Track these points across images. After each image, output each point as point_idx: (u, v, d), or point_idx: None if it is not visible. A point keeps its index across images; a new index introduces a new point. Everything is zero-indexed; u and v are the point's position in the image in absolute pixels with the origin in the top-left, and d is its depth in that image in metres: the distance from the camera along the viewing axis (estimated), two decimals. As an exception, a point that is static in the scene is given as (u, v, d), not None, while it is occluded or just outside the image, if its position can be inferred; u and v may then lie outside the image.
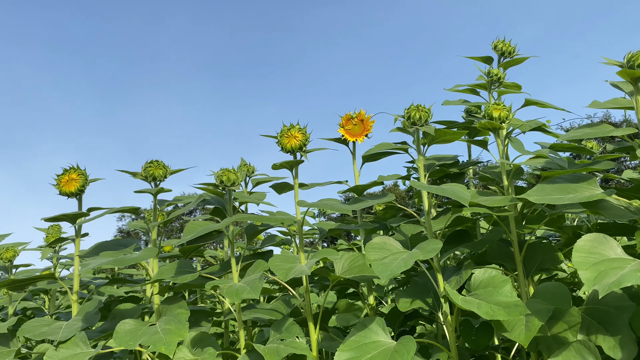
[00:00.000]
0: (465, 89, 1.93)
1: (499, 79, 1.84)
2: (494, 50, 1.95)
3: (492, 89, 1.88)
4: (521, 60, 1.95)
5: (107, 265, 1.65)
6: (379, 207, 3.29)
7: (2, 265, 2.27)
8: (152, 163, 1.89)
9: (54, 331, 1.82)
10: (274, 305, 1.93)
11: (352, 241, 3.78)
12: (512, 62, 1.94)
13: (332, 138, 2.04)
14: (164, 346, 1.52)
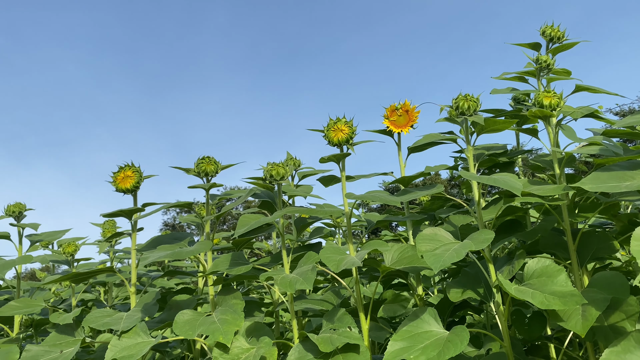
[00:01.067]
0: (513, 77, 1.90)
1: (548, 65, 1.81)
2: (542, 36, 1.91)
3: (541, 76, 1.85)
4: (571, 45, 1.91)
5: (166, 257, 1.72)
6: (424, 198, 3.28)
7: (65, 259, 2.40)
8: (204, 159, 1.96)
9: (116, 321, 1.91)
10: (324, 296, 1.97)
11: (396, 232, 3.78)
12: (561, 48, 1.90)
13: (376, 130, 2.05)
14: (222, 335, 1.58)
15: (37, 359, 1.94)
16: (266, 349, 1.56)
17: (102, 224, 2.76)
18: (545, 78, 1.86)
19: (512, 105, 2.13)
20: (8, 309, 2.17)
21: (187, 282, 3.75)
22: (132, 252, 2.17)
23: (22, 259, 2.25)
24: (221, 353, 1.58)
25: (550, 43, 1.90)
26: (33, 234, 2.46)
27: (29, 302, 2.22)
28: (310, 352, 1.56)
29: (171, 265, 4.05)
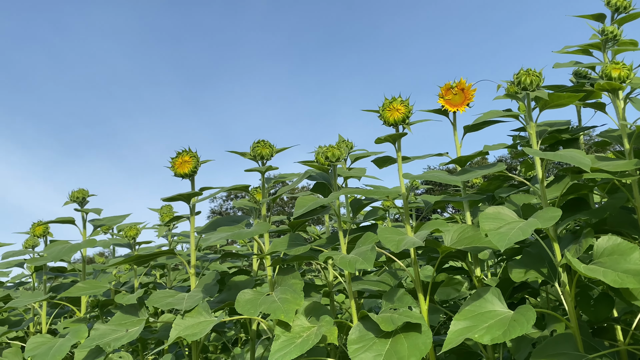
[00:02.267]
0: (575, 50, 1.83)
1: (614, 36, 1.73)
2: (607, 6, 1.82)
3: (606, 48, 1.77)
4: (638, 15, 1.82)
5: (227, 238, 1.76)
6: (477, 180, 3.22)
7: (127, 242, 2.49)
8: (259, 143, 1.98)
9: (179, 301, 1.97)
10: (380, 277, 1.97)
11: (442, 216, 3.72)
12: (628, 18, 1.81)
13: (431, 109, 2.02)
14: (283, 314, 1.61)
15: (104, 337, 2.03)
16: (327, 328, 1.58)
17: (159, 209, 2.85)
18: (611, 50, 1.78)
19: (573, 81, 2.05)
20: (76, 290, 2.28)
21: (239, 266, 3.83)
22: (191, 234, 2.23)
23: (87, 242, 2.35)
24: (283, 331, 1.61)
25: (616, 13, 1.81)
26: (96, 218, 2.57)
27: (95, 283, 2.32)
28: (370, 331, 1.56)
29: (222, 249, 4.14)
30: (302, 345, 1.53)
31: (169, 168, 2.17)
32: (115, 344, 1.97)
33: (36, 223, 2.58)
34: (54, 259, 2.19)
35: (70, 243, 2.34)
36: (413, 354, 1.44)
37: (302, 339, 1.57)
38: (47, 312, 2.70)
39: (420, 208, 2.53)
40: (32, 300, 2.37)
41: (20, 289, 3.46)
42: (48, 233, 2.60)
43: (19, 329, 2.70)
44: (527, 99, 1.61)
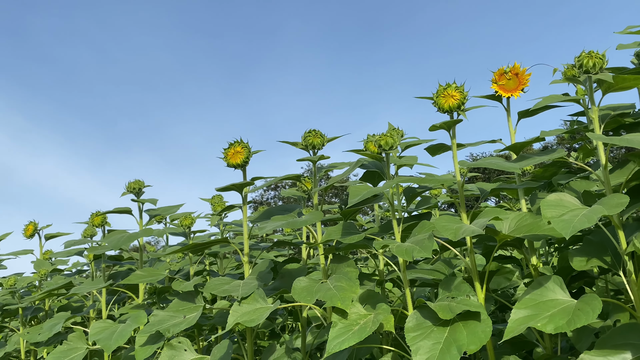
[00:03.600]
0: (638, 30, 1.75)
1: (683, 14, 1.64)
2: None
3: (674, 27, 1.69)
4: None
5: (282, 227, 1.78)
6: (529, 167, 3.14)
7: (182, 231, 2.56)
8: (310, 132, 2.00)
9: (235, 288, 2.02)
10: (434, 266, 1.96)
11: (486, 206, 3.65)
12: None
13: (483, 95, 1.98)
14: (340, 301, 1.63)
15: (163, 323, 2.10)
16: (384, 315, 1.59)
17: (210, 198, 2.91)
18: (679, 29, 1.69)
19: (635, 62, 1.97)
20: (135, 277, 2.36)
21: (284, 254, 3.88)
22: (244, 223, 2.27)
23: (144, 231, 2.43)
24: (340, 318, 1.63)
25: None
26: (151, 208, 2.65)
27: (152, 271, 2.41)
28: (428, 319, 1.56)
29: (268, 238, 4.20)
30: (360, 333, 1.54)
31: (221, 159, 2.21)
32: (174, 329, 2.04)
33: (95, 213, 2.68)
34: (114, 248, 2.28)
35: (128, 232, 2.43)
36: (473, 342, 1.43)
37: (360, 326, 1.58)
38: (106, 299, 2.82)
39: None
40: (94, 287, 2.47)
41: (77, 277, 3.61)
42: (106, 223, 2.70)
43: (80, 314, 2.82)
44: (588, 82, 1.56)
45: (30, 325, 3.38)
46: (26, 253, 3.58)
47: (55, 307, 3.45)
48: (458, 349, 1.44)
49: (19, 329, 3.35)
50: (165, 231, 2.58)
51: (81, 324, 3.26)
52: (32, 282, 3.23)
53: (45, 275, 3.12)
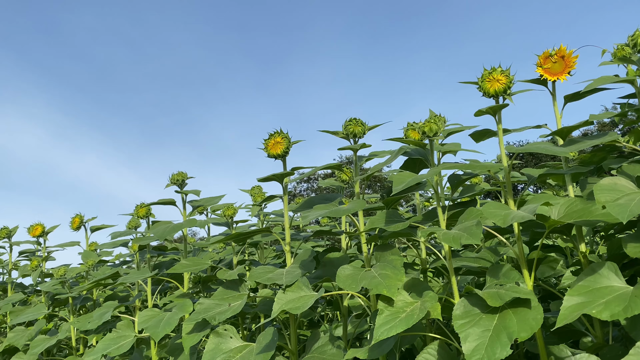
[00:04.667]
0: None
1: None
2: None
3: None
4: None
5: (324, 215, 1.79)
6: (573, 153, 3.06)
7: (225, 221, 2.60)
8: (351, 121, 1.99)
9: (279, 277, 2.04)
10: (479, 254, 1.94)
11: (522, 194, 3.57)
12: None
13: (528, 80, 1.93)
14: (386, 289, 1.63)
15: (209, 311, 2.14)
16: (431, 303, 1.58)
17: (249, 189, 2.95)
18: None
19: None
20: (180, 266, 2.42)
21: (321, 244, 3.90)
22: (285, 213, 2.29)
23: (188, 222, 2.48)
24: (386, 306, 1.63)
25: None
26: (194, 199, 2.70)
27: (197, 260, 2.46)
28: (476, 307, 1.55)
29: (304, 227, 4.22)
30: (407, 320, 1.54)
31: (261, 149, 2.23)
32: (220, 317, 2.08)
33: (139, 205, 2.75)
34: (160, 238, 2.34)
35: (173, 223, 2.48)
36: (524, 330, 1.41)
37: (407, 314, 1.58)
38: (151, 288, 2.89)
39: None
40: (140, 276, 2.54)
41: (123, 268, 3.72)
42: (150, 214, 2.77)
43: (127, 303, 2.91)
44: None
45: (79, 314, 3.51)
46: (73, 245, 3.71)
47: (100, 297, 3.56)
48: (508, 336, 1.42)
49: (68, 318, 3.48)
50: (208, 221, 2.62)
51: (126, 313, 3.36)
52: (80, 273, 3.35)
53: (92, 266, 3.23)
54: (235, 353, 2.03)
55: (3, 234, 3.97)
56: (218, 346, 2.07)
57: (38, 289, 4.04)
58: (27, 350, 3.25)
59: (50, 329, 3.46)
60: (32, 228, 3.77)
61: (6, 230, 3.98)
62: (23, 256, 4.13)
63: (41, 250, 3.87)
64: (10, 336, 3.38)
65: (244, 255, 3.56)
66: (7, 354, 3.58)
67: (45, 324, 3.41)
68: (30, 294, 3.94)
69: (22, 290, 4.03)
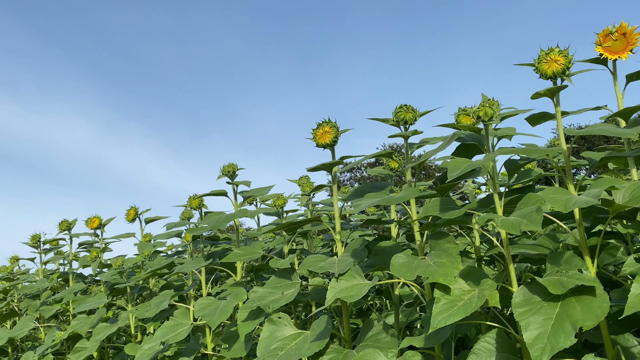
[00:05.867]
0: None
1: None
2: None
3: None
4: None
5: (377, 204, 1.78)
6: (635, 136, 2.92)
7: (275, 211, 2.64)
8: (402, 107, 1.97)
9: (331, 265, 2.06)
10: (537, 241, 1.89)
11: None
12: None
13: (587, 59, 1.85)
14: (442, 277, 1.61)
15: (263, 299, 2.18)
16: (489, 291, 1.55)
17: (297, 180, 2.97)
18: None
19: None
20: (233, 255, 2.47)
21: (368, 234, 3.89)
22: (334, 202, 2.30)
23: (240, 212, 2.53)
24: (443, 294, 1.61)
25: None
26: (244, 190, 2.74)
27: (250, 250, 2.50)
28: (536, 295, 1.51)
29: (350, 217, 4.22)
30: (465, 308, 1.52)
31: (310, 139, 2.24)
32: (274, 305, 2.11)
33: (192, 196, 2.82)
34: (214, 228, 2.39)
35: (225, 213, 2.53)
36: (588, 318, 1.37)
37: (464, 302, 1.56)
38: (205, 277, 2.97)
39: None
40: (195, 266, 2.61)
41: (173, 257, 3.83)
42: (203, 205, 2.83)
43: (182, 292, 3.00)
44: None
45: (136, 302, 3.64)
46: (128, 236, 3.85)
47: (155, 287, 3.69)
48: (572, 324, 1.38)
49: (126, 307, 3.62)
50: (258, 211, 2.66)
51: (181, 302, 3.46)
52: (136, 263, 3.47)
53: (147, 256, 3.34)
54: (290, 340, 2.06)
55: (63, 227, 4.15)
56: (273, 334, 2.11)
57: (97, 278, 4.22)
58: (89, 337, 3.40)
59: (110, 317, 3.61)
60: (89, 220, 3.94)
61: (66, 223, 4.17)
62: (82, 247, 4.32)
63: (99, 241, 4.03)
64: (74, 324, 3.55)
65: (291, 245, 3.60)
66: (72, 341, 3.76)
67: (105, 312, 3.56)
68: (90, 284, 4.12)
69: (82, 280, 4.21)
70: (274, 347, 2.03)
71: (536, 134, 1.79)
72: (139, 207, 3.58)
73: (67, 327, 3.69)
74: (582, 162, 1.94)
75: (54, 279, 4.33)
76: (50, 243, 4.55)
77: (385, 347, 1.88)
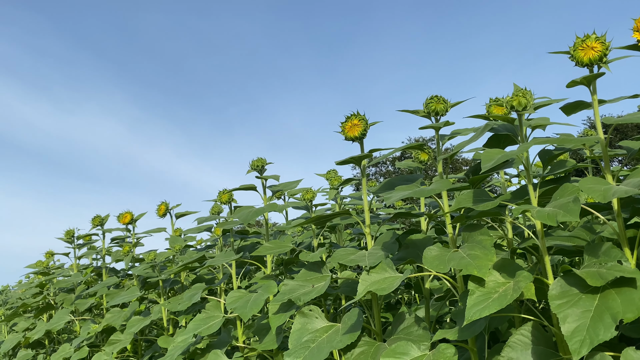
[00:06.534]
0: None
1: None
2: None
3: None
4: None
5: (408, 196, 1.77)
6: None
7: (304, 205, 2.65)
8: (433, 98, 1.95)
9: (361, 258, 2.05)
10: (574, 232, 1.85)
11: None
12: None
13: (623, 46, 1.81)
14: (476, 270, 1.59)
15: (293, 292, 2.19)
16: (525, 283, 1.53)
17: (325, 173, 2.97)
18: None
19: None
20: (264, 249, 2.49)
21: (396, 227, 3.87)
22: (364, 195, 2.29)
23: (269, 206, 2.54)
24: (477, 287, 1.59)
25: None
26: (273, 184, 2.76)
27: (279, 243, 2.52)
28: (574, 287, 1.48)
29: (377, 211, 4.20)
30: (500, 300, 1.50)
31: (339, 132, 2.24)
32: (305, 298, 2.12)
33: (222, 191, 2.85)
34: (244, 222, 2.41)
35: (255, 207, 2.56)
36: (629, 310, 1.34)
37: (499, 294, 1.54)
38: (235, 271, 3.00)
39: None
40: (226, 259, 2.64)
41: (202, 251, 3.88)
42: (232, 200, 2.86)
43: (213, 286, 3.04)
44: None
45: (168, 296, 3.71)
46: (160, 231, 3.92)
47: (185, 281, 3.74)
48: (612, 317, 1.35)
49: (158, 300, 3.69)
50: (287, 205, 2.68)
51: (211, 295, 3.52)
52: (168, 257, 3.53)
53: (179, 251, 3.39)
54: (321, 333, 2.07)
55: (96, 222, 4.25)
56: (304, 326, 2.12)
57: (129, 272, 4.31)
58: (123, 329, 3.48)
59: (143, 310, 3.69)
60: (121, 216, 4.02)
61: (98, 218, 4.27)
62: (114, 242, 4.41)
63: (130, 236, 4.11)
64: (108, 317, 3.64)
65: (320, 239, 3.61)
66: (106, 333, 3.85)
67: (137, 305, 3.64)
68: (122, 278, 4.21)
69: (115, 274, 4.31)
70: (306, 339, 2.05)
71: (572, 124, 1.75)
72: (169, 203, 3.64)
73: (101, 320, 3.79)
74: (620, 151, 1.89)
75: (87, 273, 4.44)
76: (83, 238, 4.66)
77: (417, 339, 1.87)
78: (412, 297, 3.69)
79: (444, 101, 1.94)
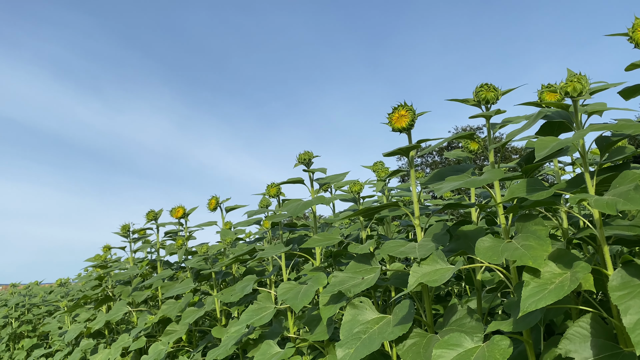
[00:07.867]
0: None
1: None
2: None
3: None
4: None
5: (460, 186, 1.75)
6: None
7: (352, 197, 2.66)
8: (483, 86, 1.91)
9: (411, 250, 2.05)
10: (634, 221, 1.78)
11: None
12: None
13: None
14: (531, 260, 1.56)
15: (343, 284, 2.21)
16: (583, 274, 1.49)
17: (372, 165, 2.97)
18: None
19: None
20: (313, 241, 2.52)
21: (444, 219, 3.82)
22: (412, 186, 2.28)
23: (317, 199, 2.57)
24: (532, 277, 1.56)
25: None
26: (320, 177, 2.79)
27: (328, 235, 2.54)
28: (635, 277, 1.43)
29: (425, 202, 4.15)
30: (557, 291, 1.47)
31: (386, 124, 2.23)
32: (355, 289, 2.14)
33: (270, 184, 2.90)
34: (293, 215, 2.45)
35: (303, 200, 2.59)
36: (697, 302, 1.28)
37: (556, 285, 1.50)
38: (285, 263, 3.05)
39: None
40: (276, 252, 2.69)
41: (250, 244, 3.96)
42: (280, 193, 2.91)
43: (263, 278, 3.10)
44: None
45: (220, 288, 3.81)
46: (211, 224, 4.02)
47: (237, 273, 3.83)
48: (679, 309, 1.30)
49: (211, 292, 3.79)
50: (334, 198, 2.69)
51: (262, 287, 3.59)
52: (219, 250, 3.63)
53: (230, 243, 3.48)
54: (372, 324, 2.09)
55: (150, 217, 4.41)
56: (355, 317, 2.14)
57: (182, 265, 4.45)
58: (178, 320, 3.60)
59: (196, 302, 3.80)
60: (174, 210, 4.15)
61: (152, 213, 4.42)
62: (168, 236, 4.57)
63: (183, 230, 4.24)
64: (164, 308, 3.77)
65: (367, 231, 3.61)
66: (162, 324, 4.00)
67: (191, 297, 3.76)
68: (176, 270, 4.35)
69: (169, 267, 4.46)
70: (357, 330, 2.06)
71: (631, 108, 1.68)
72: (219, 197, 3.73)
73: (157, 312, 3.93)
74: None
75: (143, 266, 4.62)
76: (138, 232, 4.85)
77: (470, 331, 1.85)
78: (462, 289, 3.64)
79: (494, 89, 1.90)
